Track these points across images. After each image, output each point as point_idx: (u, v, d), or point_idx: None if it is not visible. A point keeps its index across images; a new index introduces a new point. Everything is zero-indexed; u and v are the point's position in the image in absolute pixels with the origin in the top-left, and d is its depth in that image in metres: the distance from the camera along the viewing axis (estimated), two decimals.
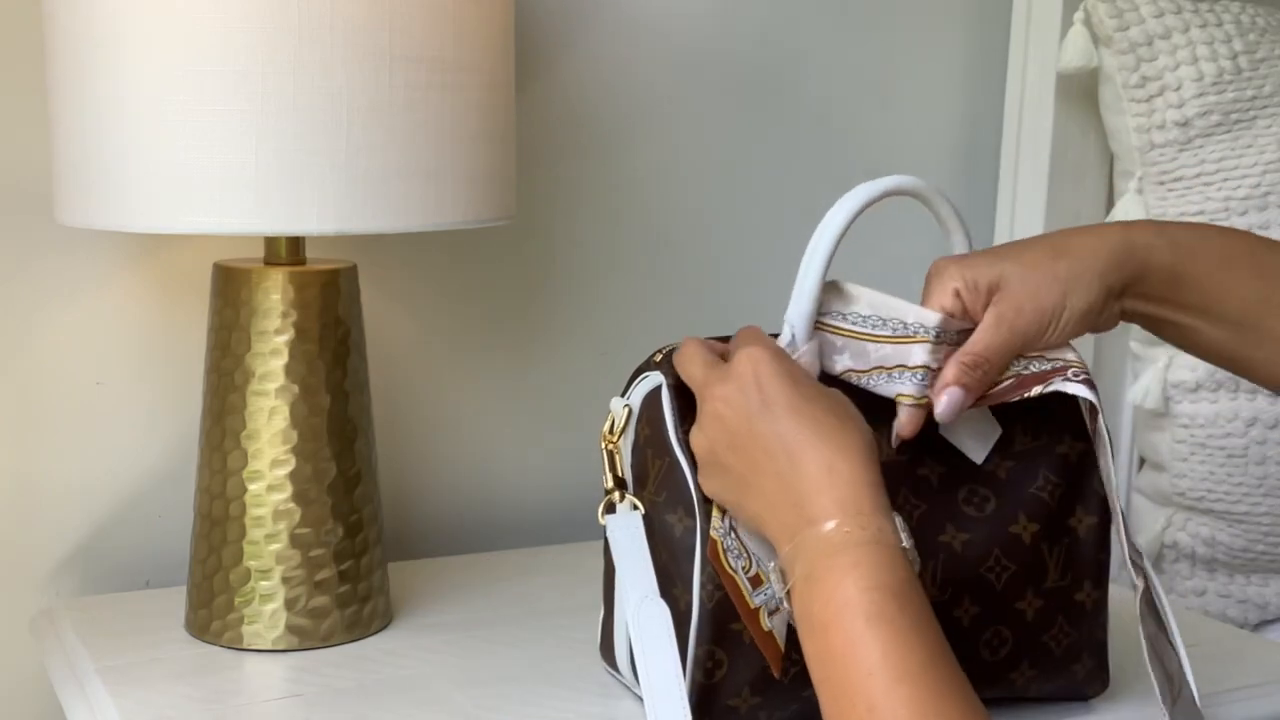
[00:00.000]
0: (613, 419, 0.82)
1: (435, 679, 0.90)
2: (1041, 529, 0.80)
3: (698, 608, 0.76)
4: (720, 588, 0.76)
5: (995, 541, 0.79)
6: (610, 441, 0.82)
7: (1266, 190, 1.20)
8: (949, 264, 0.78)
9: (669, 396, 0.78)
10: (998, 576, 0.80)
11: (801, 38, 1.28)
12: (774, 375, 0.71)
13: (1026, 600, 0.81)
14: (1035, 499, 0.80)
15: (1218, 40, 1.22)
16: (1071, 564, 0.82)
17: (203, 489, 0.95)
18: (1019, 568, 0.80)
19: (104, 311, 1.07)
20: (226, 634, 0.94)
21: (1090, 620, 0.83)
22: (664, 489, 0.79)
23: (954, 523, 0.79)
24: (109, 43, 0.83)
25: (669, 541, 0.78)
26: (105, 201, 0.85)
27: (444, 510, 1.20)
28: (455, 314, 1.19)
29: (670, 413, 0.78)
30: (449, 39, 0.87)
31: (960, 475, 0.80)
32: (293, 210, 0.83)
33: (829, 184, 1.31)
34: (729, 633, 0.76)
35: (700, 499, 0.76)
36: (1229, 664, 0.94)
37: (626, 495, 0.81)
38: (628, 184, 1.23)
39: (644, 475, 0.81)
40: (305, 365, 0.93)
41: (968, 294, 0.76)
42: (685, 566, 0.77)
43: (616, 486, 0.82)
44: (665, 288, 1.26)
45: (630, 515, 0.81)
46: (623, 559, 0.80)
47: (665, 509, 0.79)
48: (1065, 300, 0.76)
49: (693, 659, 0.77)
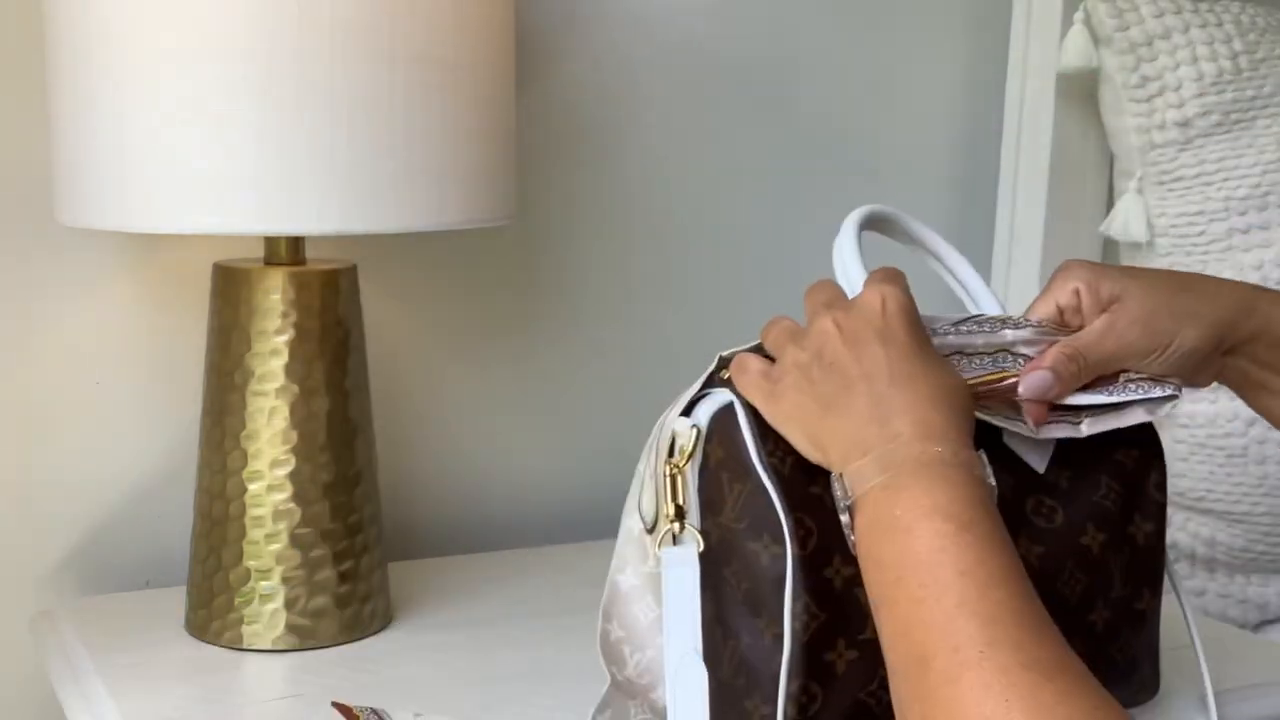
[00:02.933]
0: (674, 440, 0.75)
1: (435, 679, 0.90)
2: (1108, 539, 0.78)
3: (790, 640, 0.71)
4: (815, 617, 0.71)
5: (1068, 553, 0.77)
6: (676, 466, 0.75)
7: (1266, 190, 1.20)
8: (1077, 265, 0.78)
9: (745, 415, 0.73)
10: (1071, 590, 0.77)
11: (802, 38, 1.28)
12: (900, 312, 0.71)
13: (1097, 612, 0.78)
14: (1100, 507, 0.78)
15: (1218, 40, 1.22)
16: (1133, 572, 0.80)
17: (203, 489, 0.95)
18: (1090, 579, 0.78)
19: (104, 311, 1.07)
20: (226, 634, 0.94)
21: (1148, 628, 0.81)
22: (745, 515, 0.73)
23: (1028, 535, 0.76)
24: (109, 43, 0.83)
25: (752, 571, 0.73)
26: (105, 201, 0.85)
27: (444, 510, 1.20)
28: (455, 314, 1.19)
29: (750, 433, 0.73)
30: (449, 39, 0.87)
31: (1026, 486, 0.77)
32: (293, 210, 0.83)
33: (829, 184, 1.31)
34: (823, 664, 0.72)
35: (792, 526, 0.72)
36: (1229, 664, 0.94)
37: (688, 526, 0.75)
38: (627, 184, 1.23)
39: (717, 501, 0.75)
40: (305, 365, 0.93)
41: (1087, 295, 0.76)
42: (773, 597, 0.72)
43: (678, 517, 0.75)
44: (665, 288, 1.26)
45: (688, 553, 0.75)
46: (671, 602, 0.75)
47: (748, 536, 0.73)
48: (1178, 331, 0.76)
49: (784, 695, 0.72)
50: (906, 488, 0.65)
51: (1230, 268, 1.19)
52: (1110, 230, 1.24)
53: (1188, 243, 1.21)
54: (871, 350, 0.70)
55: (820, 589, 0.72)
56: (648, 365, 1.25)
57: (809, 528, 0.72)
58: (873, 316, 0.71)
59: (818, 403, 0.71)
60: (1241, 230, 1.20)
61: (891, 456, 0.66)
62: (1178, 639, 0.86)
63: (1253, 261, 1.19)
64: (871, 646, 0.73)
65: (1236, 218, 1.21)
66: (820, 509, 0.73)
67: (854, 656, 0.73)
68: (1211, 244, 1.20)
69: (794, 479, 0.73)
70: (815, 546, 0.73)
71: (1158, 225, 1.22)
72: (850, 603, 0.73)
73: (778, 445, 0.74)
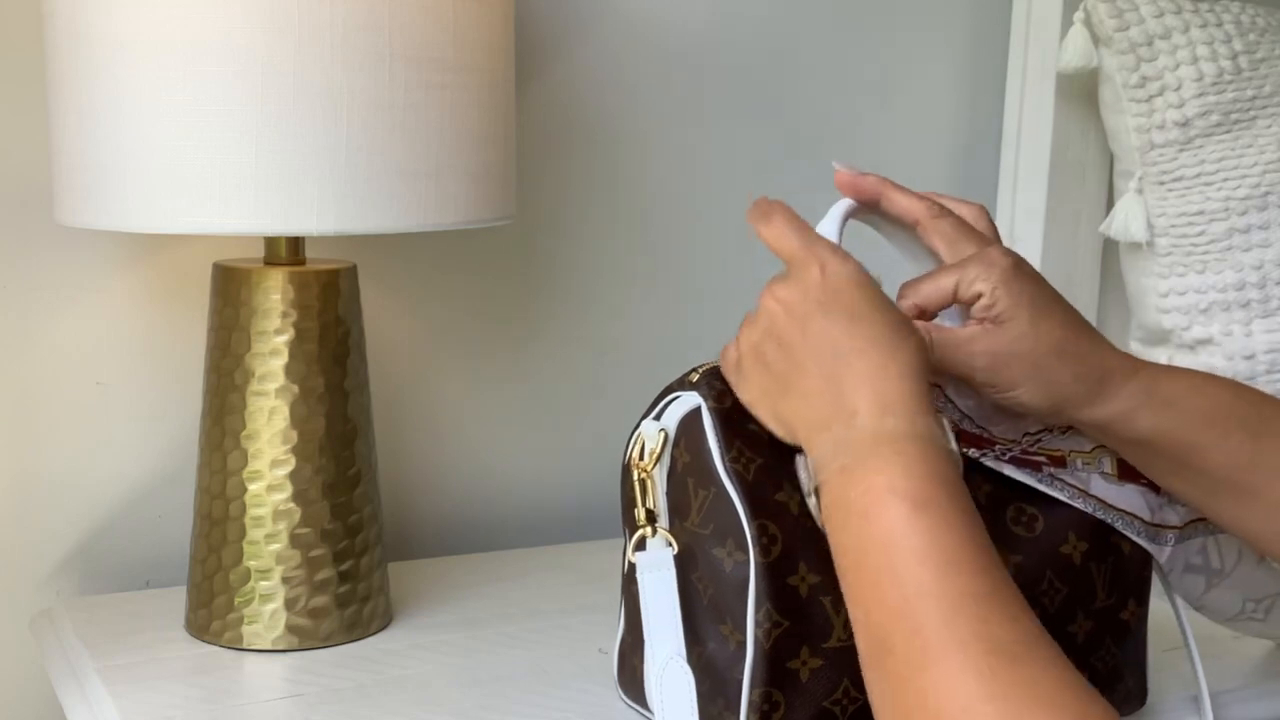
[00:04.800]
0: (642, 443, 0.75)
1: (435, 679, 0.90)
2: (1090, 548, 0.78)
3: (752, 647, 0.71)
4: (779, 624, 0.71)
5: (1047, 563, 0.76)
6: (644, 470, 0.75)
7: (1266, 190, 1.20)
8: (997, 261, 0.74)
9: (711, 420, 0.73)
10: (1051, 600, 0.77)
11: (801, 37, 1.28)
12: (841, 277, 0.69)
13: (1077, 623, 0.78)
14: (1082, 516, 0.78)
15: (1218, 40, 1.22)
16: (1117, 583, 0.79)
17: (203, 489, 0.95)
18: (1070, 589, 0.77)
19: (104, 311, 1.07)
20: (226, 634, 0.94)
21: (1133, 638, 0.80)
22: (710, 521, 0.73)
23: (1005, 544, 0.75)
24: (109, 43, 0.83)
25: (716, 577, 0.73)
26: (105, 201, 0.85)
27: (444, 510, 1.20)
28: (455, 314, 1.19)
29: (715, 439, 0.73)
30: (449, 39, 0.87)
31: (1006, 494, 0.77)
32: (293, 210, 0.83)
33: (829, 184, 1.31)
34: (786, 672, 0.72)
35: (755, 533, 0.71)
36: (1229, 664, 0.94)
37: (659, 530, 0.75)
38: (627, 184, 1.23)
39: (683, 506, 0.75)
40: (305, 365, 0.93)
41: (985, 299, 0.73)
42: (736, 604, 0.72)
43: (648, 521, 0.75)
44: (665, 288, 1.26)
45: (662, 555, 0.75)
46: (650, 609, 0.74)
47: (712, 542, 0.73)
48: (1020, 386, 0.73)
49: (747, 702, 0.71)
50: (861, 468, 0.64)
51: (1230, 267, 1.19)
52: (1110, 230, 1.24)
53: (1187, 243, 1.21)
54: (815, 324, 0.69)
55: (784, 596, 0.72)
56: (648, 365, 1.25)
57: (773, 534, 0.72)
58: (812, 287, 0.70)
59: (777, 383, 0.70)
60: (1241, 230, 1.19)
61: (847, 436, 0.66)
62: (1173, 640, 0.86)
63: (1253, 261, 1.19)
64: (837, 655, 0.73)
65: (1236, 218, 1.20)
66: (785, 515, 0.72)
67: (819, 665, 0.73)
68: (1211, 244, 1.20)
69: (758, 485, 0.73)
70: (779, 554, 0.72)
71: (1158, 225, 1.22)
72: (815, 610, 0.72)
73: (743, 451, 0.73)
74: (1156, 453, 0.76)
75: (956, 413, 0.76)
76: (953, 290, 0.75)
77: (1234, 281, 1.19)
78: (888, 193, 0.78)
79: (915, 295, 0.75)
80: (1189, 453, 0.75)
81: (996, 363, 0.73)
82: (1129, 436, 0.75)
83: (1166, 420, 0.75)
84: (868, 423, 0.65)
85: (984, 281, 0.73)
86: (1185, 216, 1.22)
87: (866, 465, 0.64)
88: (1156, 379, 0.75)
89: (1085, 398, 0.74)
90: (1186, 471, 0.76)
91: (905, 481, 0.63)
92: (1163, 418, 0.74)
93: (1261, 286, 1.18)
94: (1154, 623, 0.88)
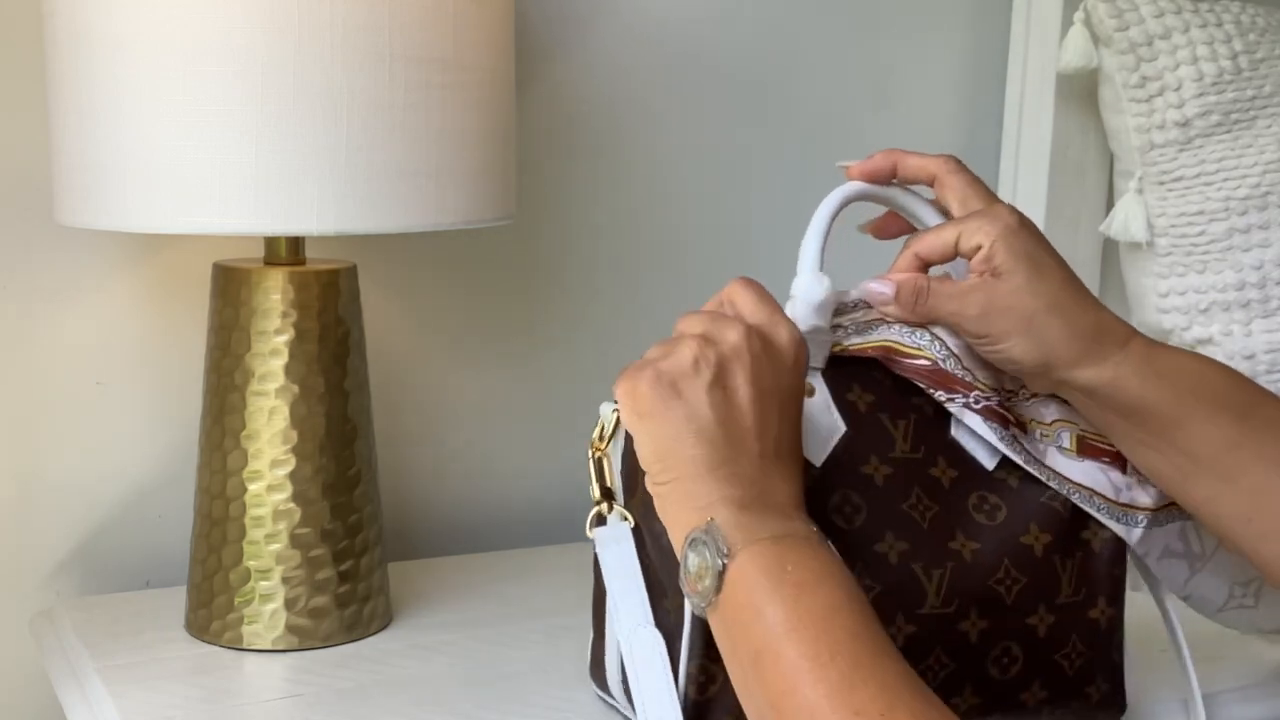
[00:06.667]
0: (602, 425, 0.78)
1: (435, 679, 0.90)
2: (1054, 540, 0.78)
3: (689, 620, 0.73)
4: None
5: (1005, 551, 0.77)
6: (599, 448, 0.78)
7: (1266, 190, 1.20)
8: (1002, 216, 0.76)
9: None
10: (1008, 589, 0.77)
11: (801, 37, 1.28)
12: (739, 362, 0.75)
13: (1038, 616, 0.78)
14: (1048, 509, 0.78)
15: (1218, 40, 1.22)
16: (1086, 579, 0.79)
17: (203, 489, 0.95)
18: (1030, 580, 0.77)
19: (104, 311, 1.07)
20: (226, 634, 0.94)
21: (1105, 640, 0.80)
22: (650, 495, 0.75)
23: (964, 530, 0.76)
24: (108, 43, 0.83)
25: (660, 550, 0.75)
26: (105, 201, 0.85)
27: (444, 510, 1.20)
28: (455, 314, 1.19)
29: None
30: (449, 39, 0.87)
31: (971, 481, 0.78)
32: (293, 210, 0.83)
33: (829, 185, 1.31)
34: None
35: None
36: (1229, 664, 0.94)
37: (616, 506, 0.77)
38: (627, 184, 1.23)
39: (634, 482, 0.76)
40: (305, 365, 0.93)
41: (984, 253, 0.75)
42: (673, 578, 0.73)
43: (604, 497, 0.77)
44: (665, 288, 1.26)
45: (620, 530, 0.77)
46: (613, 581, 0.76)
47: (653, 516, 0.74)
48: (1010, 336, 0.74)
49: (684, 674, 0.73)
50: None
51: (1230, 267, 1.19)
52: (1110, 230, 1.24)
53: (1187, 243, 1.21)
54: (672, 409, 0.73)
55: None
56: None
57: None
58: (681, 375, 0.75)
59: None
60: (1241, 230, 1.19)
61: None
62: (1163, 642, 0.85)
63: (1252, 261, 1.19)
64: None
65: (1236, 218, 1.20)
66: None
67: None
68: (1211, 244, 1.20)
69: None
70: None
71: (1158, 225, 1.22)
72: None
73: None
74: (1140, 423, 0.76)
75: (944, 350, 0.77)
76: (954, 242, 0.76)
77: (1234, 281, 1.19)
78: (901, 159, 0.84)
79: (917, 245, 0.78)
80: (1173, 428, 0.75)
81: (990, 313, 0.75)
82: (1115, 403, 0.76)
83: (1155, 391, 0.75)
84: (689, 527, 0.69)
85: (984, 235, 0.75)
86: (1185, 216, 1.21)
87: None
88: (1151, 349, 0.76)
89: (1076, 358, 0.75)
90: (1167, 447, 0.76)
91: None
92: (1151, 388, 0.75)
93: (1261, 286, 1.18)
94: (1144, 625, 0.88)
